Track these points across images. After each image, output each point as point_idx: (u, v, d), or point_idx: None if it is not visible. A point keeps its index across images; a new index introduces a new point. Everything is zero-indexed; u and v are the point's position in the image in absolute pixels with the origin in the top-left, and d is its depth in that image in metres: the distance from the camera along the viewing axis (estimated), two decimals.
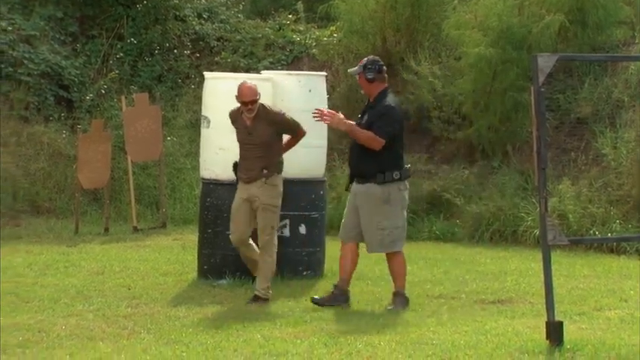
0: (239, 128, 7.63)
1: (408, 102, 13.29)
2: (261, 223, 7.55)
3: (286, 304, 7.58)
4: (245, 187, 7.58)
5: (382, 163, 7.23)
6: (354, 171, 7.38)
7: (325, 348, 6.15)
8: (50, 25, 14.17)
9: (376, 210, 7.24)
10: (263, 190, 7.54)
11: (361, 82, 7.37)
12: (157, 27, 14.72)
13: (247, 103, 7.49)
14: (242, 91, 7.53)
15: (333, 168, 12.23)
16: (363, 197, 7.29)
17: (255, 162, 7.53)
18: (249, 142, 7.55)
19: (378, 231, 7.28)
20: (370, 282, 8.65)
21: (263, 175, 7.53)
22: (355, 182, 7.36)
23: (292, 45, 14.78)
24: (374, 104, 7.31)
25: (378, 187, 7.23)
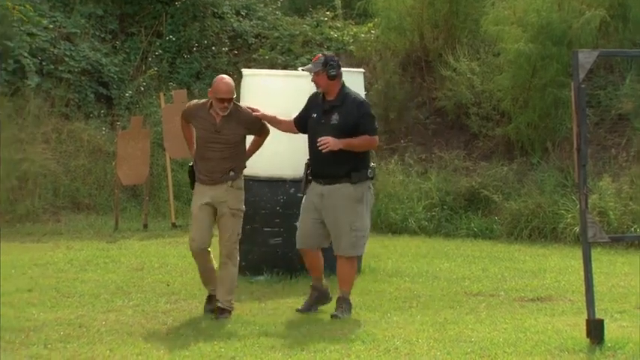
0: (203, 125, 6.84)
1: (446, 98, 13.25)
2: (229, 229, 6.83)
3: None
4: (206, 189, 6.85)
5: (356, 161, 6.86)
6: (325, 172, 6.85)
7: (363, 345, 6.14)
8: (91, 23, 14.30)
9: (350, 210, 6.82)
10: (230, 194, 6.84)
11: (319, 79, 6.86)
12: (195, 24, 14.79)
13: (225, 100, 6.79)
14: (220, 87, 6.80)
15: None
16: (334, 198, 6.83)
17: (220, 163, 6.81)
18: (215, 141, 6.81)
19: (351, 232, 6.85)
20: (408, 279, 8.63)
21: (230, 178, 6.85)
22: (320, 183, 6.88)
23: (330, 42, 14.78)
24: (339, 102, 6.85)
25: (351, 187, 6.84)
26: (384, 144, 13.12)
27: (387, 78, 13.56)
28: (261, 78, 8.88)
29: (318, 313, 7.11)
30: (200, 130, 6.88)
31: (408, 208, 11.74)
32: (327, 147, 6.73)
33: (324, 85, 6.88)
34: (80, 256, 9.65)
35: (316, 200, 6.90)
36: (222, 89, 6.79)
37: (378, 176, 12.17)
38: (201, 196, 6.87)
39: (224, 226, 6.85)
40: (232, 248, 6.86)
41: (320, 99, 6.94)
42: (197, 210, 6.86)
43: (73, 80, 13.58)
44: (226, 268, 6.86)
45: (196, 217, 6.87)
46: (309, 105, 7.01)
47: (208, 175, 6.83)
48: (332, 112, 6.87)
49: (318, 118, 6.90)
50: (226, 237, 6.85)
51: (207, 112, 6.85)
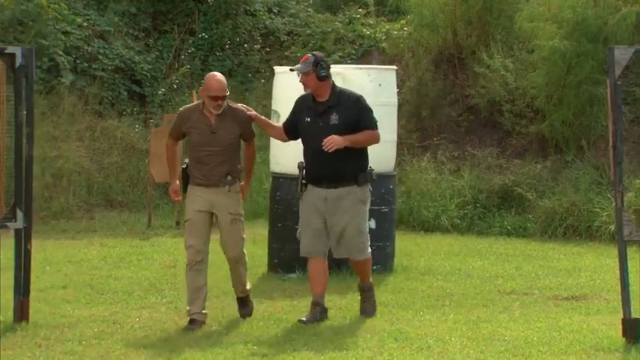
0: (197, 128, 6.47)
1: (479, 96, 13.17)
2: (233, 237, 6.53)
3: (356, 298, 7.54)
4: (203, 193, 6.46)
5: (361, 162, 6.61)
6: (329, 175, 6.52)
7: (396, 343, 6.12)
8: (124, 21, 14.38)
9: (357, 213, 6.59)
10: (229, 200, 6.49)
11: (308, 80, 6.53)
12: (227, 22, 14.83)
13: (218, 98, 6.41)
14: (212, 84, 6.45)
15: (402, 162, 12.18)
16: (342, 201, 6.55)
17: (217, 167, 6.45)
18: (212, 143, 6.43)
19: (360, 235, 6.63)
20: (440, 277, 8.59)
21: (227, 182, 6.47)
22: (323, 187, 6.56)
23: (362, 39, 14.75)
24: (334, 102, 6.54)
25: (358, 189, 6.59)
26: (417, 142, 13.08)
27: (419, 75, 13.50)
28: (293, 75, 8.86)
29: (351, 311, 7.09)
30: (195, 135, 6.48)
31: (440, 205, 11.68)
32: (334, 146, 6.38)
33: (313, 87, 6.55)
34: (114, 253, 9.71)
35: (320, 204, 6.58)
36: (214, 86, 6.44)
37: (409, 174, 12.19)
38: (197, 201, 6.47)
39: (227, 234, 6.52)
40: (240, 253, 6.62)
41: (310, 102, 6.61)
42: (193, 215, 6.46)
43: (107, 78, 13.67)
44: (236, 270, 6.69)
45: (193, 223, 6.45)
46: (298, 109, 6.69)
47: (205, 178, 6.47)
48: (329, 112, 6.54)
49: (313, 120, 6.56)
50: (231, 244, 6.56)
51: (200, 114, 6.49)
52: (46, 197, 11.98)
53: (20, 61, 6.51)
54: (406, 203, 11.65)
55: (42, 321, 6.55)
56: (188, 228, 6.52)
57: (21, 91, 6.56)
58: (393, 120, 8.94)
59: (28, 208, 6.61)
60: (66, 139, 12.69)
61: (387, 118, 8.83)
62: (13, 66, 6.53)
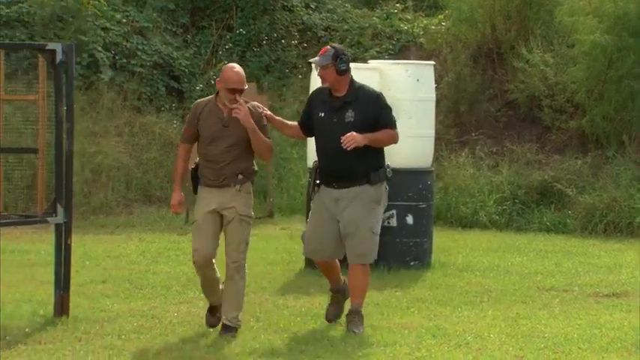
0: (210, 120, 6.09)
1: (518, 91, 13.07)
2: (237, 237, 6.09)
3: (393, 294, 7.54)
4: (212, 194, 6.10)
5: (374, 160, 6.24)
6: (340, 174, 6.18)
7: (433, 339, 6.09)
8: (162, 17, 14.45)
9: (370, 213, 6.20)
10: (238, 199, 6.09)
11: (327, 74, 6.13)
12: (265, 17, 14.84)
13: (235, 91, 6.03)
14: (230, 76, 6.05)
15: (440, 158, 12.12)
16: (353, 202, 6.18)
17: (228, 166, 6.07)
18: (223, 138, 6.04)
19: (373, 236, 6.23)
20: (479, 273, 8.54)
21: (239, 182, 6.09)
22: (334, 187, 6.21)
23: (400, 34, 14.69)
24: (352, 97, 6.17)
25: (371, 188, 6.21)
26: (455, 137, 13.00)
27: (457, 70, 13.43)
28: None
29: (388, 307, 7.06)
30: (207, 129, 6.09)
31: (478, 201, 11.61)
32: (353, 144, 6.02)
33: (332, 81, 6.15)
34: (152, 248, 9.76)
35: (331, 205, 6.23)
36: (232, 78, 6.03)
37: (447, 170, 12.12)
38: (206, 202, 6.12)
39: (232, 234, 6.09)
40: (240, 259, 6.11)
41: (326, 96, 6.24)
42: (201, 218, 6.12)
43: (145, 74, 13.74)
44: (233, 283, 6.10)
45: (200, 225, 6.11)
46: (312, 103, 6.33)
47: (215, 178, 6.10)
48: (345, 109, 6.16)
49: (327, 116, 6.19)
50: (234, 245, 6.08)
51: (214, 106, 6.13)
52: (86, 192, 12.07)
53: (60, 58, 6.56)
54: (444, 199, 11.59)
55: (82, 315, 6.60)
56: (194, 230, 6.17)
57: (61, 87, 6.61)
58: (430, 115, 8.90)
59: (68, 204, 6.66)
60: (105, 134, 12.77)
61: (425, 113, 8.79)
62: (53, 62, 6.58)
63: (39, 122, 6.93)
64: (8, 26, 13.00)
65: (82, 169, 11.92)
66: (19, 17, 13.10)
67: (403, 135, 8.67)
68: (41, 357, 5.61)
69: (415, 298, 7.37)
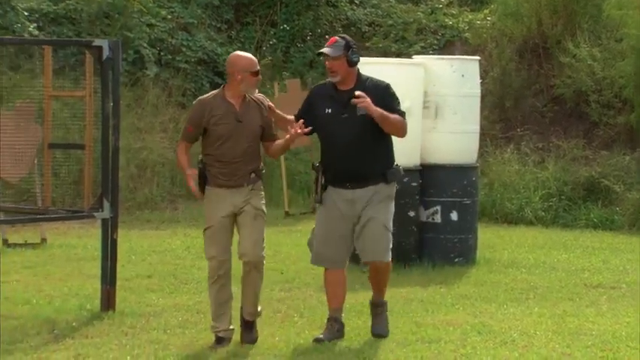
0: (222, 116, 5.69)
1: (564, 86, 12.93)
2: (254, 233, 5.71)
3: (438, 290, 7.50)
4: (225, 196, 5.72)
5: (389, 157, 5.90)
6: (354, 173, 5.79)
7: (479, 336, 6.05)
8: (207, 13, 14.53)
9: (384, 209, 5.85)
10: (252, 196, 5.76)
11: (338, 66, 5.74)
12: (309, 13, 14.84)
13: (259, 72, 5.74)
14: (246, 60, 5.71)
15: (485, 154, 12.04)
16: (369, 202, 5.81)
17: (242, 164, 5.71)
18: (238, 135, 5.67)
19: (386, 233, 5.85)
20: (524, 270, 8.46)
21: (251, 181, 5.75)
22: (347, 188, 5.81)
23: (444, 29, 14.61)
24: (360, 90, 5.71)
25: (386, 186, 5.86)
26: (500, 133, 12.91)
27: (503, 65, 13.32)
28: (374, 66, 8.80)
29: (433, 304, 7.02)
30: (221, 127, 5.67)
31: (524, 197, 11.51)
32: (366, 105, 5.60)
33: (343, 73, 5.75)
34: (197, 244, 9.80)
35: (345, 208, 5.82)
36: (253, 63, 5.69)
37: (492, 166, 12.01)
38: (220, 205, 5.71)
39: (249, 232, 5.70)
40: (260, 256, 5.74)
41: (331, 90, 5.83)
42: (217, 223, 5.71)
43: (190, 70, 13.81)
44: (251, 279, 5.78)
45: (216, 231, 5.71)
46: (315, 100, 5.88)
47: (228, 178, 5.71)
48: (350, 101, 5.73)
49: (336, 112, 5.77)
50: (251, 242, 5.70)
51: (223, 101, 5.71)
52: (131, 188, 12.17)
53: (107, 54, 6.61)
54: (489, 195, 11.51)
55: (128, 309, 6.65)
56: (209, 237, 5.74)
57: (108, 83, 6.66)
58: (475, 111, 8.84)
59: (114, 199, 6.71)
60: (150, 130, 12.87)
61: (470, 109, 8.74)
62: (100, 58, 6.64)
63: (86, 118, 7.01)
64: (56, 23, 13.16)
65: (128, 165, 12.02)
66: (66, 14, 13.25)
67: (448, 131, 8.76)
68: (88, 351, 5.67)
69: (460, 295, 7.32)
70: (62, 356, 5.56)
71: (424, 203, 8.52)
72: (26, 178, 8.66)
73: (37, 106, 7.88)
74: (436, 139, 8.58)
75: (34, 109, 7.71)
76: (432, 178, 8.53)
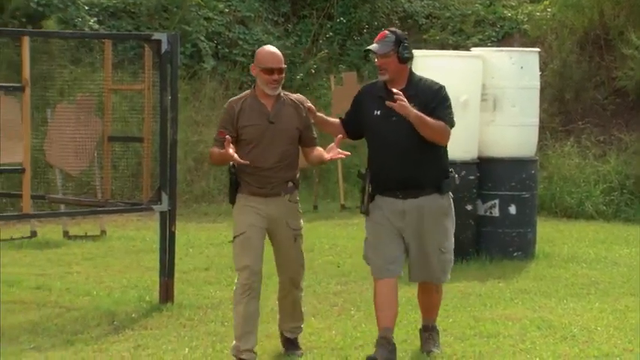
0: (252, 118, 5.19)
1: (627, 78, 12.70)
2: (294, 256, 5.33)
3: (496, 285, 7.43)
4: (258, 204, 5.20)
5: (444, 165, 5.36)
6: (406, 181, 5.27)
7: (538, 331, 5.97)
8: (264, 6, 14.56)
9: (439, 228, 5.34)
10: (289, 211, 5.27)
11: (388, 63, 5.23)
12: (365, 6, 14.79)
13: (274, 71, 5.18)
14: (264, 55, 5.23)
15: (544, 147, 11.89)
16: (421, 214, 5.29)
17: (278, 172, 5.19)
18: (270, 138, 5.16)
19: (442, 255, 5.36)
20: (585, 265, 8.34)
21: (288, 190, 5.24)
22: (397, 197, 5.28)
23: (503, 21, 14.45)
24: (413, 90, 5.24)
25: (440, 199, 5.32)
26: (560, 126, 12.74)
27: (563, 57, 13.14)
28: (432, 59, 8.76)
29: (491, 298, 6.95)
30: (251, 129, 5.18)
31: (584, 191, 11.34)
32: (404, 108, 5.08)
33: (393, 71, 5.25)
34: None
35: (395, 219, 5.29)
36: (268, 58, 5.19)
37: (552, 159, 11.85)
38: (252, 213, 5.18)
39: (288, 254, 5.32)
40: (299, 275, 5.41)
41: (381, 91, 5.32)
42: (250, 230, 5.17)
43: (247, 63, 13.85)
44: (291, 296, 5.44)
45: (249, 239, 5.16)
46: (364, 100, 5.39)
47: (262, 186, 5.19)
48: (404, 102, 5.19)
49: (386, 113, 5.23)
50: (294, 268, 5.37)
51: (254, 100, 5.24)
52: (188, 181, 12.26)
53: (166, 48, 6.66)
54: (548, 189, 11.36)
55: (186, 302, 6.70)
56: (241, 245, 5.17)
57: (166, 76, 6.71)
58: (534, 103, 8.75)
59: (172, 191, 6.76)
60: (207, 123, 12.95)
61: (529, 101, 8.64)
62: (159, 52, 6.68)
63: (144, 111, 7.06)
64: (115, 17, 13.30)
65: (185, 158, 12.12)
66: (125, 8, 13.38)
67: (506, 124, 8.67)
68: (147, 342, 5.72)
69: (519, 289, 7.24)
70: (122, 347, 5.62)
71: (482, 197, 8.45)
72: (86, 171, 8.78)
73: (97, 99, 7.97)
74: (494, 132, 8.51)
75: (94, 102, 7.80)
76: (490, 172, 8.45)
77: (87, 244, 9.27)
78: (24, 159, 6.51)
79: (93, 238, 9.55)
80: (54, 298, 6.86)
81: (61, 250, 8.98)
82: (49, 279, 7.50)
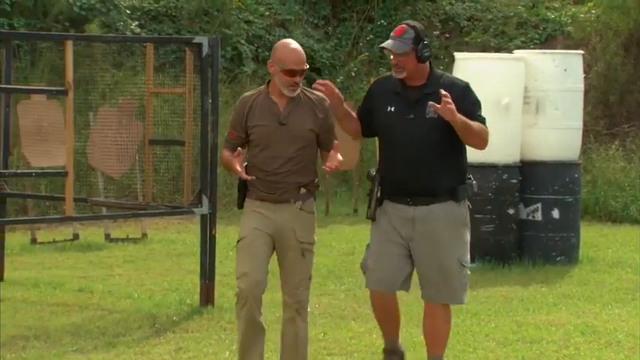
0: (262, 118, 4.70)
1: None
2: (299, 272, 4.74)
3: (539, 290, 7.35)
4: (266, 209, 4.72)
5: (462, 170, 4.84)
6: (418, 186, 4.75)
7: (582, 337, 5.90)
8: (304, 9, 14.57)
9: (458, 239, 4.77)
10: (300, 221, 4.71)
11: (407, 62, 4.73)
12: (406, 8, 14.73)
13: (296, 73, 4.64)
14: (286, 54, 4.66)
15: (588, 150, 11.75)
16: (434, 223, 4.75)
17: (288, 176, 4.69)
18: (281, 139, 4.67)
19: (462, 269, 4.78)
20: (630, 269, 8.24)
21: (300, 198, 4.71)
22: (407, 204, 4.77)
23: (546, 23, 14.31)
24: (434, 87, 4.74)
25: (456, 207, 4.78)
26: (604, 129, 12.59)
27: (607, 60, 12.98)
28: (474, 62, 8.72)
29: (533, 302, 6.87)
30: (259, 130, 4.70)
31: (629, 195, 11.20)
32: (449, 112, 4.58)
33: (411, 70, 4.75)
34: None
35: (403, 228, 4.77)
36: (292, 58, 4.63)
37: (596, 162, 11.70)
38: (257, 218, 4.72)
39: (292, 268, 4.72)
40: (303, 298, 4.76)
41: (396, 85, 4.81)
42: (252, 234, 4.70)
43: None
44: (294, 327, 4.75)
45: (250, 244, 4.69)
46: (377, 95, 4.88)
47: (271, 191, 4.71)
48: (424, 101, 4.75)
49: (400, 112, 4.77)
50: (295, 282, 4.73)
51: (266, 99, 4.73)
52: (228, 184, 12.28)
53: (206, 51, 6.67)
54: (592, 193, 11.23)
55: (227, 305, 6.69)
56: (242, 250, 4.72)
57: (207, 80, 6.72)
58: (578, 106, 8.66)
59: (212, 195, 6.77)
60: None
61: (573, 104, 8.56)
62: (200, 55, 6.70)
63: (185, 115, 7.09)
64: (156, 20, 13.38)
65: None
66: (166, 11, 13.46)
67: (549, 127, 8.58)
68: (188, 345, 5.73)
69: (562, 294, 7.16)
70: (163, 350, 5.64)
71: (524, 200, 8.38)
72: (128, 174, 8.83)
73: (139, 102, 8.01)
74: (537, 135, 8.43)
75: (135, 105, 7.84)
76: (533, 175, 8.38)
77: (128, 247, 9.32)
78: (67, 162, 6.57)
79: (134, 240, 9.60)
80: (96, 301, 6.90)
81: (102, 252, 9.04)
82: (91, 281, 7.54)
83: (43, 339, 5.80)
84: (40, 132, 7.78)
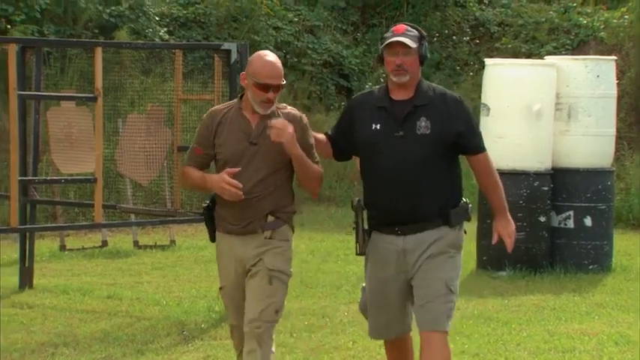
0: (231, 135, 4.22)
1: None
2: (263, 300, 4.20)
3: (571, 299, 7.25)
4: (234, 244, 4.27)
5: (456, 192, 4.33)
6: (408, 214, 4.22)
7: (616, 347, 5.80)
8: (333, 15, 14.55)
9: (449, 264, 4.27)
10: (269, 249, 4.24)
11: (410, 62, 4.22)
12: (436, 13, 14.67)
13: (268, 87, 4.18)
14: (260, 66, 4.19)
15: (621, 157, 11.61)
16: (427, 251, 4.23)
17: (256, 203, 4.21)
18: (250, 161, 4.19)
19: (448, 295, 4.25)
20: None
21: (268, 227, 4.23)
22: (396, 234, 4.25)
23: (578, 28, 14.18)
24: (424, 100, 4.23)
25: (450, 232, 4.27)
26: (638, 135, 12.43)
27: None
28: (504, 68, 8.63)
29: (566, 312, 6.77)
30: (227, 148, 4.22)
31: None
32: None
33: (414, 72, 4.24)
34: (321, 247, 9.80)
35: (395, 261, 4.26)
36: (265, 71, 4.18)
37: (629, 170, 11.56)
38: (229, 261, 4.29)
39: (255, 295, 4.20)
40: (265, 330, 4.19)
41: (382, 99, 4.28)
42: (229, 284, 4.31)
43: (315, 73, 13.85)
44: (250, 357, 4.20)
45: (231, 296, 4.32)
46: (358, 112, 4.33)
47: (237, 222, 4.24)
48: (415, 116, 4.20)
49: (388, 128, 4.21)
50: (257, 311, 4.18)
51: (237, 115, 4.24)
52: None
53: (235, 57, 6.66)
54: (625, 200, 11.09)
55: None
56: (225, 298, 4.38)
57: (236, 86, 6.70)
58: (611, 113, 8.55)
59: None
60: None
61: (605, 111, 8.46)
62: (228, 62, 6.69)
63: None
64: (185, 27, 13.42)
65: None
66: (195, 18, 13.49)
67: (581, 133, 8.47)
68: (217, 353, 5.69)
69: (595, 303, 7.05)
70: (192, 357, 5.61)
71: (556, 208, 8.28)
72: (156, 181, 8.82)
73: (167, 109, 8.00)
74: (569, 142, 8.34)
75: (164, 112, 7.83)
76: (565, 183, 8.28)
77: (157, 254, 9.31)
78: (96, 169, 6.56)
79: (162, 247, 9.60)
80: (124, 308, 6.89)
81: (131, 259, 9.04)
82: (119, 288, 7.54)
83: (72, 346, 5.80)
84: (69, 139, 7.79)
